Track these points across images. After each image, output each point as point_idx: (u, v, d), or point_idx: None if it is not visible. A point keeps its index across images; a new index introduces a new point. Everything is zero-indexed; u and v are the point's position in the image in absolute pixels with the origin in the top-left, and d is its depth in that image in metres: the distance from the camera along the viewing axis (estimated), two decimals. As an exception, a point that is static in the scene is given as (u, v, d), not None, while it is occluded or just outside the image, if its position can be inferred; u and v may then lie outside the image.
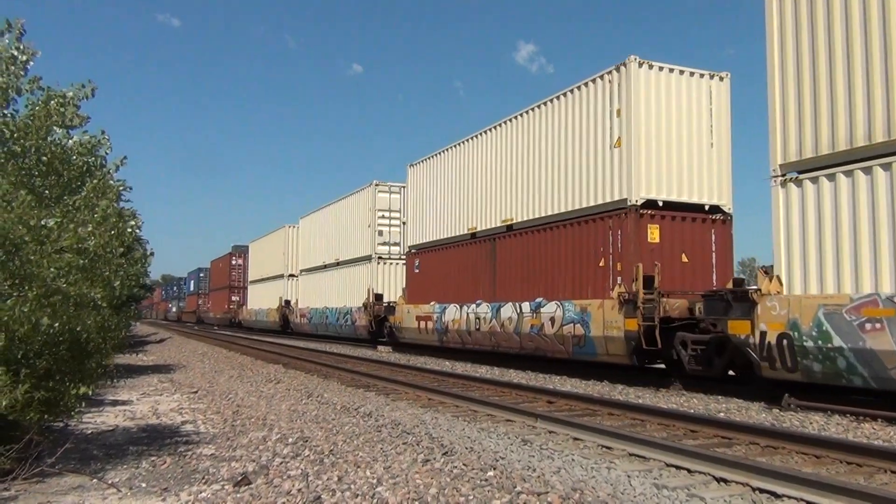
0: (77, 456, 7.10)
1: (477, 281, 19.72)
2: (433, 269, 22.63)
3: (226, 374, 16.47)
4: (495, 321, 18.27)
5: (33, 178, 7.13)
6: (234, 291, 56.13)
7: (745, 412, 10.27)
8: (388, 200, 29.05)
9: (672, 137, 14.81)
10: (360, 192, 30.29)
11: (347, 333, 30.58)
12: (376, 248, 28.59)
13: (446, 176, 22.41)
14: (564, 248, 16.19)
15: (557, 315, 15.83)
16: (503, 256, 18.60)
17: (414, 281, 24.12)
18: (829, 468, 6.62)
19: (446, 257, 21.72)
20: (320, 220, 36.02)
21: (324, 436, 8.16)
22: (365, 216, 29.46)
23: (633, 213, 14.27)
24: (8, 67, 6.70)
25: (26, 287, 6.14)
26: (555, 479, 6.07)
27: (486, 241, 19.56)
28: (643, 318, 13.21)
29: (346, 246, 31.59)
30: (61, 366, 6.93)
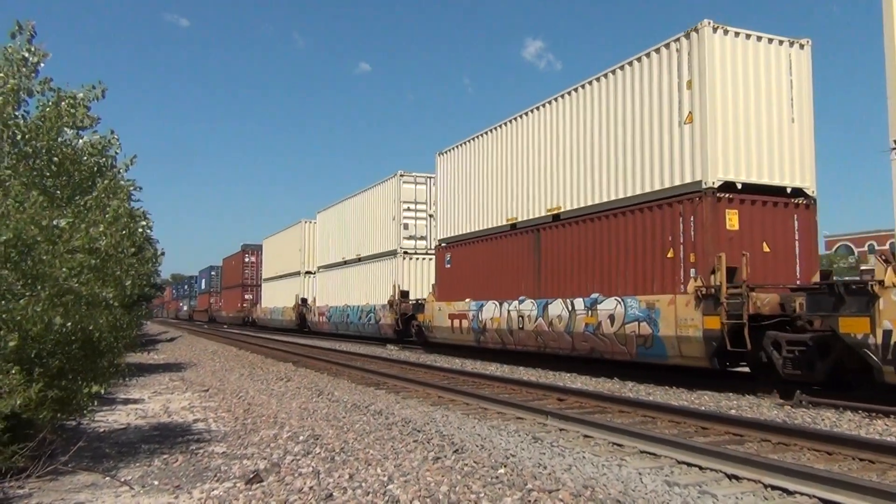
0: (90, 454, 7.15)
1: (518, 276, 18.13)
2: (466, 263, 21.06)
3: (236, 373, 16.54)
4: (542, 320, 16.75)
5: (45, 179, 7.17)
6: (248, 289, 55.01)
7: (757, 409, 10.24)
8: (414, 192, 27.36)
9: (750, 112, 13.21)
10: (384, 183, 28.78)
11: (370, 333, 29.18)
12: (402, 243, 26.99)
13: (481, 164, 20.77)
14: (623, 238, 14.59)
15: (618, 312, 14.34)
16: (549, 248, 17.03)
17: (445, 277, 22.42)
18: (841, 465, 6.60)
19: (481, 251, 20.21)
20: (340, 214, 34.33)
21: (334, 434, 8.18)
22: (389, 209, 27.87)
23: (710, 196, 12.69)
24: (19, 69, 6.73)
25: (39, 287, 6.19)
26: (566, 477, 6.07)
27: (528, 233, 17.94)
28: (728, 316, 11.76)
29: (368, 241, 30.03)
30: (74, 365, 6.98)
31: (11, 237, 5.88)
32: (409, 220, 27.19)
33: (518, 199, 18.64)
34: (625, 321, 14.14)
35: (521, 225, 18.51)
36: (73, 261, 6.40)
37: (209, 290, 70.14)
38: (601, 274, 15.23)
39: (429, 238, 26.54)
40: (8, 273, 6.07)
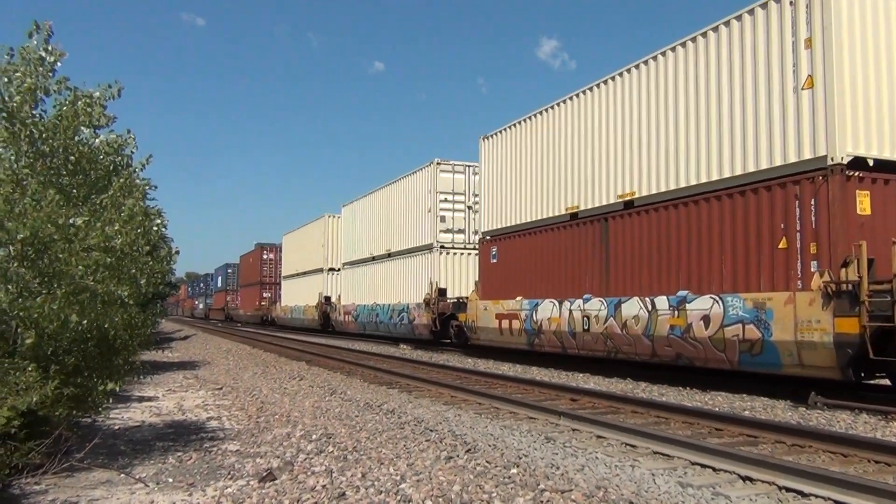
0: (105, 451, 7.21)
1: (580, 271, 16.12)
2: (516, 258, 18.89)
3: (250, 371, 16.61)
4: (613, 320, 14.67)
5: (61, 178, 7.23)
6: (266, 287, 53.66)
7: (771, 410, 10.17)
8: (452, 181, 25.18)
9: (882, 75, 11.12)
10: (419, 172, 26.51)
11: (402, 333, 26.97)
12: (438, 236, 24.75)
13: (534, 147, 18.48)
14: (718, 227, 12.50)
15: (714, 313, 12.17)
16: (620, 240, 14.94)
17: (490, 273, 20.26)
18: (856, 467, 6.54)
19: (535, 244, 18.05)
20: (368, 206, 31.95)
21: (347, 432, 8.21)
22: (424, 200, 25.70)
23: (838, 175, 10.64)
24: (36, 69, 6.79)
25: (55, 285, 6.25)
26: (578, 477, 6.05)
27: (593, 223, 15.87)
28: (870, 318, 9.76)
29: (400, 235, 27.91)
30: (89, 362, 7.05)
31: (29, 235, 5.94)
32: (446, 211, 24.97)
33: (581, 185, 16.51)
34: (724, 323, 11.99)
35: (584, 214, 16.40)
36: (89, 259, 6.45)
37: (226, 288, 68.78)
38: (688, 268, 13.13)
39: (467, 231, 24.97)
40: (25, 271, 6.13)
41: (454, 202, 25.17)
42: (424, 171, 25.99)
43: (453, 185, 25.29)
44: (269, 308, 51.51)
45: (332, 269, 37.32)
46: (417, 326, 25.27)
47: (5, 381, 5.66)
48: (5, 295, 5.92)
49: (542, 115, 18.31)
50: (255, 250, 56.65)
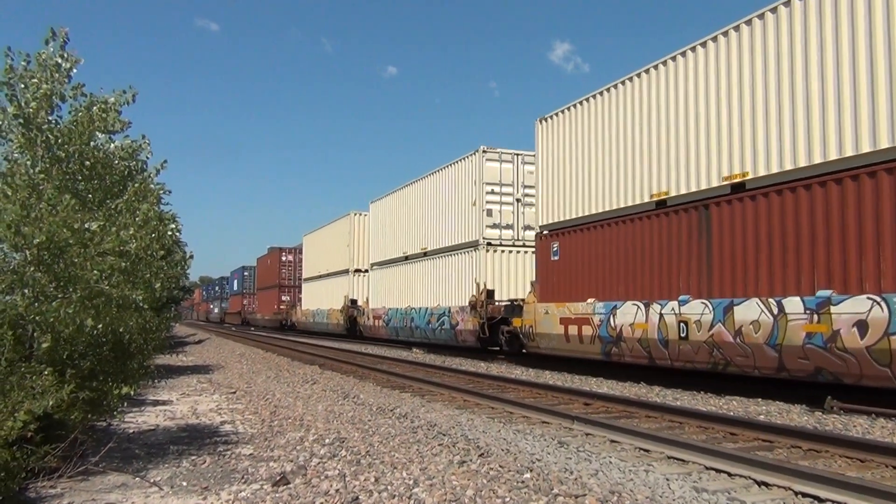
0: (120, 455, 7.24)
1: (672, 268, 13.70)
2: (584, 254, 16.46)
3: (263, 375, 16.66)
4: (721, 327, 12.25)
5: (77, 183, 7.28)
6: (285, 290, 51.71)
7: (787, 415, 10.09)
8: (499, 171, 22.61)
9: None
10: (462, 161, 23.91)
11: (443, 340, 24.21)
12: (485, 232, 22.17)
13: (604, 128, 16.17)
14: (873, 211, 10.17)
15: (875, 318, 9.85)
16: (727, 230, 12.53)
17: (551, 272, 17.69)
18: (874, 472, 6.48)
19: (609, 238, 15.67)
20: (400, 202, 29.30)
21: (360, 437, 8.21)
22: (468, 192, 23.15)
23: None
24: (52, 75, 6.85)
25: (71, 289, 6.29)
26: (592, 482, 6.03)
27: (687, 211, 13.45)
28: None
29: (439, 231, 25.29)
30: (104, 366, 7.09)
31: (45, 240, 5.99)
32: (492, 205, 22.42)
33: (671, 167, 14.05)
34: (888, 331, 9.73)
35: (675, 201, 13.92)
36: (104, 263, 6.49)
37: (242, 292, 66.66)
38: (828, 263, 10.81)
39: (516, 226, 22.52)
40: (41, 275, 6.18)
41: (502, 194, 22.62)
42: (468, 161, 23.45)
43: (500, 175, 22.66)
44: (288, 312, 49.52)
45: (358, 271, 35.22)
46: (461, 332, 22.59)
47: (22, 385, 5.70)
48: (22, 299, 5.97)
49: (616, 90, 15.92)
50: (273, 252, 54.65)
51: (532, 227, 20.52)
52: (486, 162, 22.57)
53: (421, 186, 27.31)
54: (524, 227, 22.38)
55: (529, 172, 22.02)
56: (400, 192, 29.53)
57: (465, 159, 23.70)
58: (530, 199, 21.62)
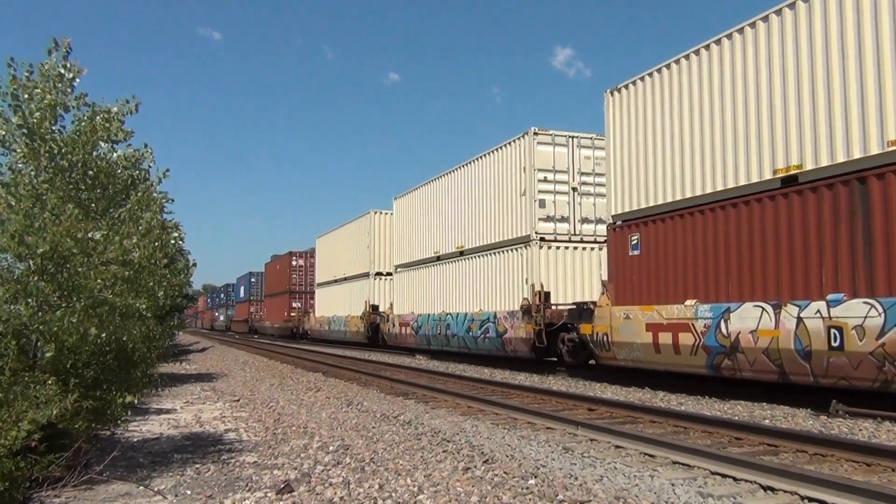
0: (124, 464, 7.24)
1: (810, 261, 11.07)
2: (676, 247, 13.75)
3: (266, 383, 16.66)
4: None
5: (80, 192, 7.30)
6: (296, 297, 49.29)
7: (792, 419, 10.06)
8: (552, 156, 19.68)
9: None
10: (508, 146, 20.80)
11: (487, 350, 21.29)
12: (537, 226, 19.22)
13: (709, 91, 13.17)
14: None
15: None
16: (894, 209, 9.96)
17: (630, 269, 14.95)
18: (881, 476, 6.45)
19: (711, 226, 12.93)
20: (431, 196, 26.39)
21: (364, 444, 8.20)
22: (516, 181, 20.20)
23: None
24: (55, 85, 6.88)
25: (74, 298, 6.30)
26: (597, 488, 6.01)
27: (831, 188, 10.81)
28: None
29: (479, 227, 22.41)
30: (108, 375, 7.10)
31: (48, 249, 6.00)
32: (545, 194, 19.46)
33: (804, 134, 11.32)
34: None
35: (810, 176, 11.22)
36: (108, 272, 6.51)
37: (249, 299, 64.04)
38: None
39: (572, 219, 19.67)
40: (45, 285, 6.20)
41: (556, 182, 19.63)
42: (516, 145, 20.39)
43: (554, 160, 19.68)
44: (300, 319, 46.88)
45: (379, 274, 32.53)
46: (511, 341, 19.58)
47: (26, 395, 5.70)
48: (25, 308, 5.99)
49: (714, 48, 13.16)
50: (283, 256, 52.31)
51: (590, 220, 19.34)
52: (537, 145, 19.56)
53: (456, 178, 24.31)
54: (581, 220, 19.77)
55: (586, 158, 19.90)
56: (430, 186, 26.46)
57: (513, 143, 20.59)
58: (587, 187, 19.74)
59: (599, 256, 18.69)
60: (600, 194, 18.62)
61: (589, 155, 19.87)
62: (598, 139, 19.20)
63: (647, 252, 14.63)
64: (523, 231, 19.70)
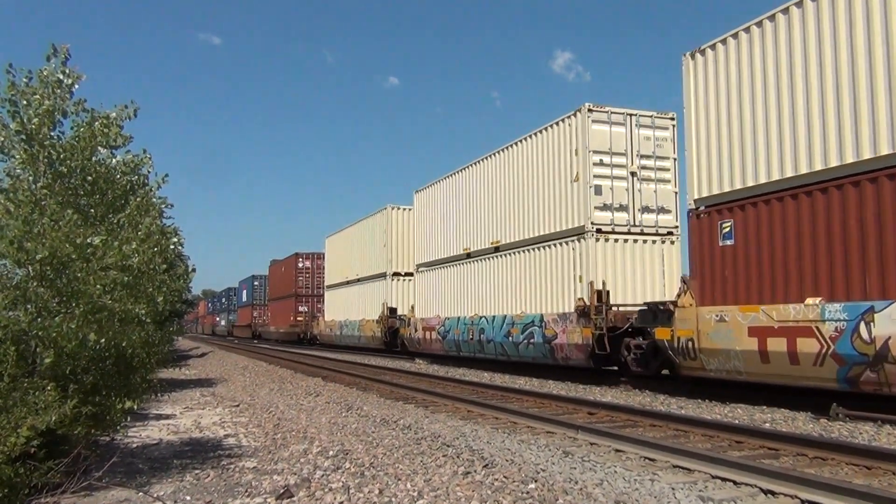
0: (123, 469, 7.23)
1: None
2: (786, 234, 11.46)
3: (266, 388, 16.64)
4: None
5: (79, 198, 7.31)
6: (302, 300, 47.16)
7: (792, 422, 10.06)
8: (609, 137, 17.23)
9: None
10: (558, 125, 18.29)
11: (531, 357, 18.74)
12: (593, 215, 16.82)
13: (829, 43, 10.94)
14: None
15: None
16: None
17: (718, 263, 12.60)
18: (881, 480, 6.44)
19: (839, 207, 10.62)
20: (458, 188, 24.05)
21: (364, 448, 8.19)
22: (566, 164, 17.79)
23: None
24: (54, 91, 6.89)
25: (73, 304, 6.30)
26: (597, 492, 6.00)
27: None
28: None
29: (521, 219, 19.91)
30: (107, 381, 7.10)
31: (47, 255, 6.00)
32: (602, 180, 17.12)
33: None
34: None
35: None
36: (107, 278, 6.51)
37: (252, 303, 61.93)
38: None
39: (631, 208, 17.22)
40: (44, 291, 6.20)
41: (612, 166, 17.24)
42: (568, 124, 17.90)
43: (611, 141, 17.29)
44: (307, 324, 44.88)
45: (397, 274, 30.30)
46: (563, 348, 17.16)
47: (25, 401, 5.70)
48: (25, 314, 5.98)
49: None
50: (289, 258, 50.07)
51: (651, 209, 17.33)
52: (591, 124, 17.16)
53: (491, 165, 21.94)
54: (641, 209, 17.36)
55: (645, 138, 17.58)
56: (458, 176, 24.09)
57: (562, 122, 18.12)
58: (648, 172, 17.45)
59: (662, 251, 17.27)
60: (662, 180, 17.49)
61: (649, 135, 17.61)
62: (659, 117, 17.66)
63: (744, 241, 12.30)
64: (576, 221, 17.32)
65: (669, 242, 17.44)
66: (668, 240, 17.45)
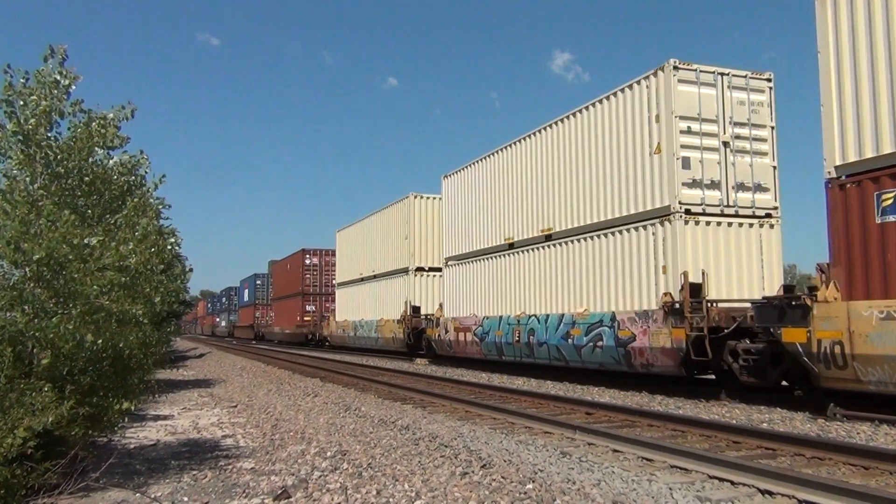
0: (121, 470, 7.22)
1: None
2: None
3: (264, 389, 16.63)
4: None
5: (76, 198, 7.30)
6: (310, 299, 44.45)
7: (789, 422, 10.06)
8: (697, 100, 14.39)
9: None
10: (634, 86, 15.38)
11: (600, 362, 15.86)
12: (680, 194, 14.02)
13: None
14: None
15: None
16: None
17: (875, 245, 9.95)
18: (878, 480, 6.45)
19: None
20: (496, 171, 21.31)
21: (362, 449, 8.19)
22: (645, 133, 15.01)
23: None
24: (51, 92, 6.89)
25: (71, 305, 6.29)
26: (595, 492, 6.00)
27: None
28: None
29: (578, 202, 17.13)
30: (105, 381, 7.08)
31: (44, 256, 6.00)
32: (690, 151, 14.31)
33: None
34: None
35: None
36: (104, 278, 6.51)
37: (254, 303, 59.51)
38: None
39: (724, 186, 14.44)
40: (41, 291, 6.19)
41: (702, 135, 14.45)
42: (646, 84, 15.06)
43: (700, 105, 14.47)
44: (317, 324, 42.07)
45: (420, 269, 27.44)
46: (643, 352, 14.39)
47: (22, 402, 5.69)
48: (21, 315, 5.97)
49: None
50: (295, 254, 47.32)
51: (747, 187, 14.57)
52: (677, 84, 14.38)
53: (539, 142, 19.09)
54: (736, 187, 14.54)
55: (739, 103, 14.77)
56: (497, 157, 21.33)
57: (639, 84, 15.27)
58: (742, 142, 14.65)
59: (760, 235, 14.56)
60: (759, 152, 14.80)
61: (743, 99, 14.85)
62: (755, 78, 14.97)
63: None
64: (657, 201, 14.56)
65: (768, 226, 14.67)
66: (767, 223, 14.66)
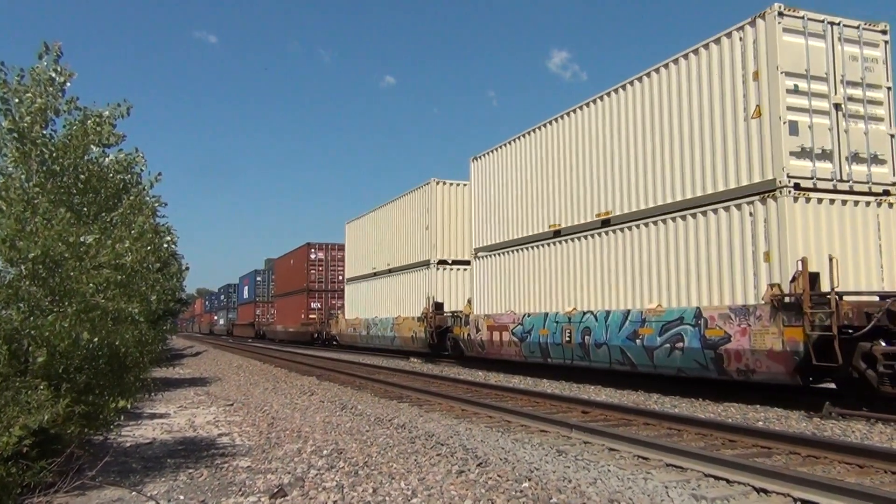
0: (117, 469, 7.21)
1: None
2: None
3: (260, 387, 16.61)
4: None
5: (72, 196, 7.29)
6: (315, 296, 42.13)
7: (785, 421, 10.08)
8: (805, 53, 11.92)
9: None
10: (727, 38, 12.67)
11: (678, 367, 13.35)
12: (787, 164, 11.52)
13: None
14: None
15: None
16: None
17: None
18: (873, 478, 6.46)
19: None
20: (537, 150, 18.70)
21: (358, 447, 8.19)
22: (738, 93, 12.44)
23: None
24: (46, 89, 6.87)
25: (66, 303, 6.28)
26: (591, 491, 6.01)
27: None
28: None
29: (644, 181, 14.61)
30: (100, 380, 7.07)
31: (40, 254, 5.98)
32: (797, 114, 11.79)
33: None
34: None
35: None
36: (100, 277, 6.49)
37: (254, 300, 57.42)
38: None
39: (836, 156, 11.96)
40: (36, 289, 6.18)
41: (810, 95, 11.94)
42: (740, 36, 12.49)
43: (808, 60, 11.97)
44: (324, 322, 40.02)
45: (443, 262, 24.99)
46: (740, 356, 11.90)
47: (17, 400, 5.68)
48: (17, 313, 5.97)
49: None
50: (300, 249, 44.73)
51: (862, 157, 12.09)
52: (782, 34, 11.88)
53: (592, 114, 16.53)
54: (850, 158, 12.06)
55: (851, 58, 12.33)
56: (540, 133, 18.70)
57: (733, 35, 12.65)
58: (856, 105, 12.19)
59: (878, 216, 12.00)
60: (874, 117, 12.32)
61: (856, 54, 12.39)
62: (868, 29, 12.52)
63: None
64: (758, 174, 11.99)
65: (887, 205, 12.14)
66: (885, 201, 12.13)
